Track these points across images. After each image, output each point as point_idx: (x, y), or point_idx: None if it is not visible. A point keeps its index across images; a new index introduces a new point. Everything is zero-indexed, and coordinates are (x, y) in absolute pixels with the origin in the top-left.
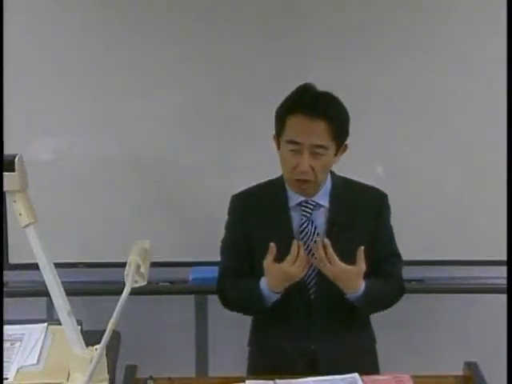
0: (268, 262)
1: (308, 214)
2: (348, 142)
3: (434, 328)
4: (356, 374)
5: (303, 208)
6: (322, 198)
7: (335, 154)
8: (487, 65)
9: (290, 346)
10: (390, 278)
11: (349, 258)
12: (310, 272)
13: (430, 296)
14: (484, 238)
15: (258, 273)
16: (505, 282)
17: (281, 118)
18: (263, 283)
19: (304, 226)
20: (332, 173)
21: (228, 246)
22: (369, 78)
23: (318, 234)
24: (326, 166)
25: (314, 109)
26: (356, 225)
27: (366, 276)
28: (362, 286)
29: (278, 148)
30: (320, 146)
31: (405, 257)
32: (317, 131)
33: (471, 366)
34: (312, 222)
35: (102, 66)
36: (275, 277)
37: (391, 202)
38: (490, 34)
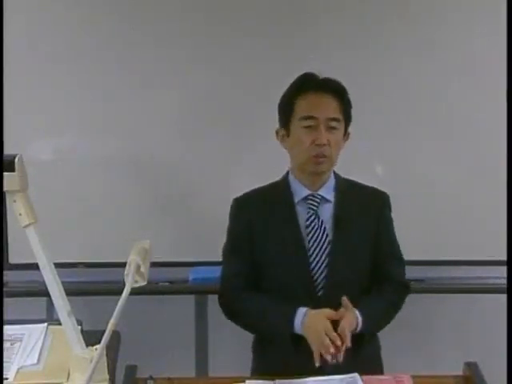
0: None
1: (315, 208)
2: (348, 141)
3: (434, 328)
4: (356, 374)
5: (310, 202)
6: (328, 193)
7: (345, 136)
8: (488, 64)
9: (297, 347)
10: (390, 278)
11: (353, 254)
12: (318, 277)
13: (430, 296)
14: (484, 238)
15: (262, 269)
16: (505, 281)
17: (289, 101)
18: (298, 320)
19: (311, 219)
20: (334, 172)
21: (231, 251)
22: (369, 77)
23: (325, 230)
24: (338, 143)
25: (324, 86)
26: (360, 222)
27: (367, 282)
28: (358, 320)
29: (283, 134)
30: (334, 119)
31: (405, 257)
32: (330, 105)
33: (471, 366)
34: (319, 217)
35: (102, 65)
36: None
37: (392, 201)
38: (490, 34)
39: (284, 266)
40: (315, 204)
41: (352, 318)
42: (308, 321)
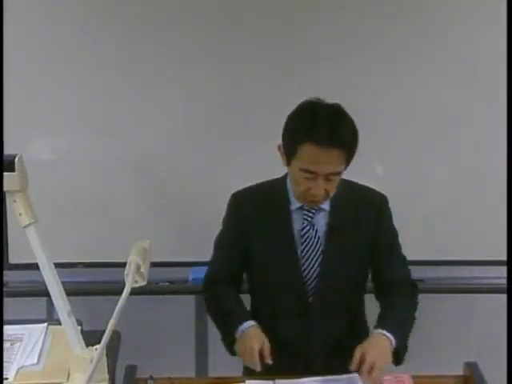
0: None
1: (310, 218)
2: None
3: (434, 328)
4: (356, 375)
5: (305, 212)
6: (324, 202)
7: (344, 169)
8: (488, 65)
9: (287, 349)
10: (398, 281)
11: (345, 262)
12: (309, 283)
13: (430, 296)
14: (484, 238)
15: (254, 274)
16: (505, 281)
17: (292, 142)
18: (241, 328)
19: (306, 230)
20: None
21: (223, 244)
22: (369, 78)
23: (319, 238)
24: (336, 184)
25: (329, 140)
26: (357, 227)
27: (360, 288)
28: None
29: (284, 158)
30: (335, 173)
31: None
32: (332, 161)
33: (471, 366)
34: (313, 226)
35: (103, 66)
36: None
37: (391, 202)
38: (490, 34)
39: (276, 271)
40: (310, 215)
41: (383, 353)
42: (241, 337)
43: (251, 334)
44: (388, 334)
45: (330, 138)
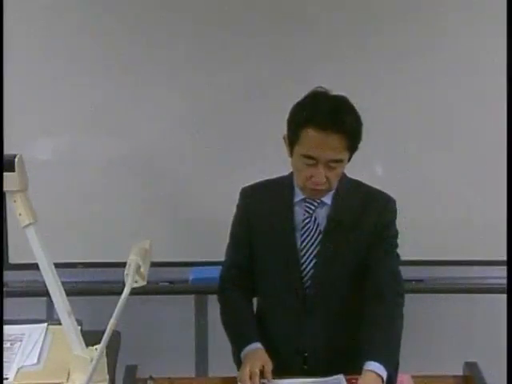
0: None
1: (311, 211)
2: None
3: (434, 328)
4: (341, 376)
5: (307, 204)
6: (327, 198)
7: (348, 160)
8: (488, 65)
9: (285, 346)
10: (384, 298)
11: (345, 255)
12: (305, 275)
13: (430, 296)
14: (484, 238)
15: (256, 264)
16: (505, 281)
17: (294, 128)
18: (245, 350)
19: (306, 221)
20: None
21: (232, 239)
22: (369, 78)
23: (320, 232)
24: (339, 174)
25: (330, 124)
26: (357, 224)
27: (357, 283)
28: (379, 367)
29: (288, 148)
30: (336, 160)
31: (405, 257)
32: (333, 146)
33: (471, 366)
34: (315, 219)
35: (102, 66)
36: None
37: None
38: (491, 35)
39: (276, 261)
40: (312, 207)
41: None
42: (245, 357)
43: (255, 355)
44: (380, 372)
45: (331, 123)
